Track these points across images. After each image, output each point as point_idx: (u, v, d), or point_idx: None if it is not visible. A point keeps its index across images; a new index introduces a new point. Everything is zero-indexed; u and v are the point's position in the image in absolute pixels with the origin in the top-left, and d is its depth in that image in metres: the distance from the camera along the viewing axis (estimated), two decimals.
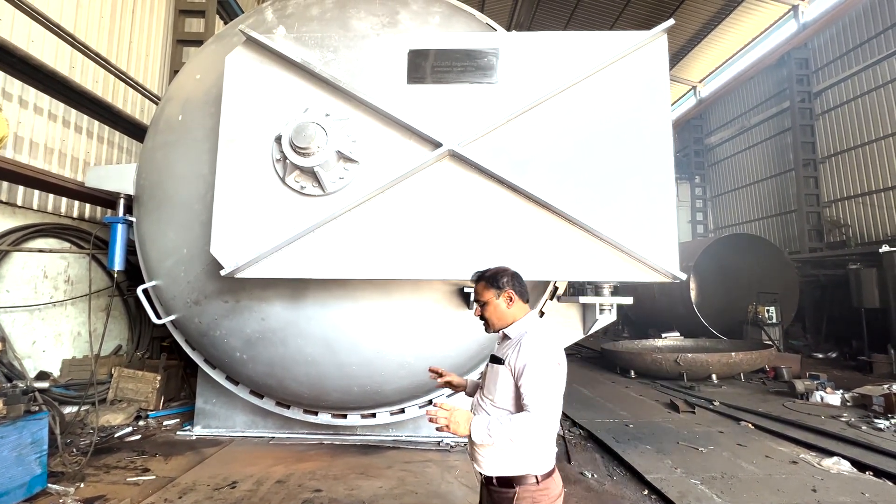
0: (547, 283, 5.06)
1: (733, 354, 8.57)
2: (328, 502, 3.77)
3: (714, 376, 8.46)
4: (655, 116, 4.05)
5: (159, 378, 6.09)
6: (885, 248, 9.82)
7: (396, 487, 4.03)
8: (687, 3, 15.24)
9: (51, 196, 6.11)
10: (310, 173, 3.91)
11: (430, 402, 4.95)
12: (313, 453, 4.84)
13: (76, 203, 6.52)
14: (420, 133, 3.98)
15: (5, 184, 5.50)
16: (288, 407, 5.08)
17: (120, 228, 5.17)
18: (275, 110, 4.08)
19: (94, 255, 6.33)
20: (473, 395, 2.24)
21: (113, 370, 6.16)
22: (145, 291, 4.87)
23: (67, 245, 6.24)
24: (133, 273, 6.00)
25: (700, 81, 19.24)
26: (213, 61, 4.73)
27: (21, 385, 4.32)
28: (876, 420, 5.87)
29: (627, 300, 4.89)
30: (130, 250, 5.30)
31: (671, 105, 4.16)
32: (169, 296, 4.80)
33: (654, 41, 4.16)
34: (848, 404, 6.74)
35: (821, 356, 11.26)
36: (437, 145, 3.94)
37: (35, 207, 5.95)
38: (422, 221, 3.94)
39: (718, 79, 18.24)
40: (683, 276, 3.94)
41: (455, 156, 3.97)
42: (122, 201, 5.24)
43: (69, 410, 5.57)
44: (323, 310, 4.32)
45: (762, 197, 16.45)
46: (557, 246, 3.92)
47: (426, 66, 4.11)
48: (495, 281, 2.11)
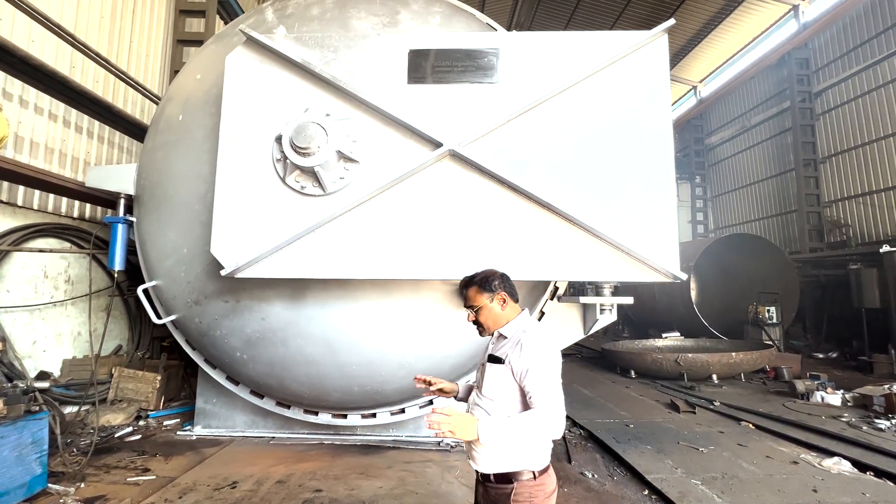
0: (547, 284, 5.05)
1: (734, 354, 8.57)
2: (328, 502, 3.76)
3: (714, 376, 8.46)
4: (656, 116, 4.05)
5: (159, 378, 6.09)
6: (886, 248, 9.81)
7: (397, 487, 4.03)
8: (687, 3, 15.23)
9: (51, 196, 6.12)
10: (310, 173, 3.91)
11: (431, 402, 4.95)
12: (314, 453, 4.84)
13: (76, 203, 6.53)
14: (420, 133, 3.98)
15: (6, 184, 5.50)
16: (288, 407, 5.09)
17: (120, 228, 5.18)
18: (275, 110, 4.08)
19: (95, 255, 6.34)
20: (465, 399, 2.24)
21: (113, 370, 6.16)
22: (145, 291, 4.88)
23: (68, 245, 6.25)
24: (133, 273, 6.01)
25: (700, 81, 19.23)
26: (214, 61, 4.73)
27: (21, 385, 4.32)
28: (877, 420, 5.87)
29: (628, 300, 4.88)
30: (131, 250, 5.30)
31: (671, 105, 4.15)
32: (169, 296, 4.80)
33: (655, 41, 4.16)
34: (848, 404, 6.74)
35: (821, 356, 11.24)
36: (438, 145, 3.94)
37: (35, 207, 5.95)
38: (422, 221, 3.94)
39: (719, 79, 18.23)
40: (684, 276, 3.94)
41: (455, 156, 3.97)
42: (123, 201, 5.25)
43: (69, 410, 5.57)
44: (323, 310, 4.32)
45: (763, 197, 16.44)
46: (558, 246, 3.92)
47: (427, 66, 4.11)
48: (487, 284, 2.10)
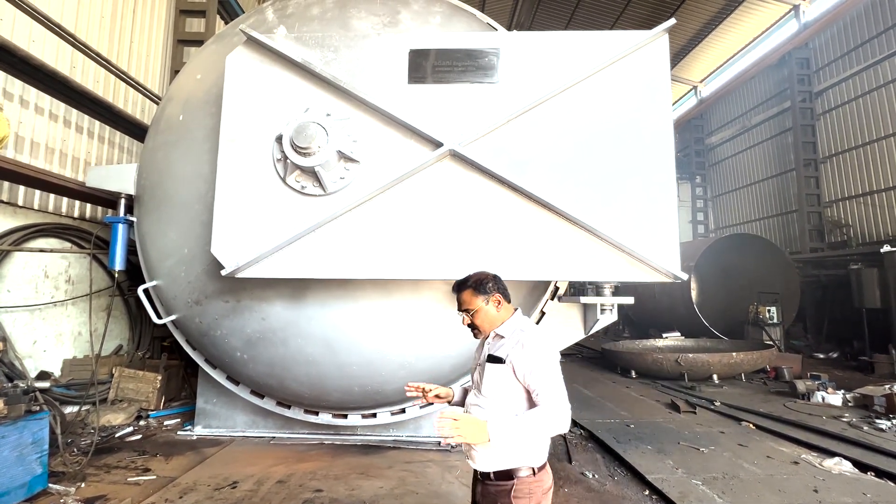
0: (548, 284, 5.05)
1: (734, 354, 8.56)
2: (329, 502, 3.76)
3: (715, 376, 8.45)
4: (656, 116, 4.05)
5: (160, 378, 6.09)
6: (887, 248, 9.80)
7: (397, 487, 4.03)
8: (688, 3, 15.22)
9: (52, 196, 6.12)
10: (310, 173, 3.91)
11: (431, 403, 4.94)
12: (314, 453, 4.84)
13: (77, 203, 6.53)
14: (421, 133, 3.98)
15: (6, 184, 5.51)
16: (289, 407, 5.08)
17: (121, 228, 5.19)
18: (275, 110, 4.08)
19: (95, 255, 6.34)
20: (461, 404, 2.24)
21: (114, 370, 6.16)
22: (146, 291, 4.88)
23: (68, 245, 6.25)
24: (134, 273, 6.01)
25: (701, 81, 19.22)
26: (214, 61, 4.73)
27: (22, 385, 4.32)
28: (877, 420, 5.86)
29: (628, 300, 4.88)
30: (131, 250, 5.31)
31: (672, 105, 4.16)
32: (170, 296, 4.80)
33: (655, 41, 4.15)
34: (849, 405, 6.73)
35: (822, 356, 11.23)
36: (438, 145, 3.94)
37: (36, 207, 5.95)
38: (422, 221, 3.94)
39: (719, 79, 18.21)
40: (684, 276, 3.93)
41: (456, 155, 3.96)
42: (123, 201, 5.25)
43: (70, 410, 5.58)
44: (323, 310, 4.32)
45: (763, 197, 16.42)
46: (558, 246, 3.91)
47: (427, 66, 4.11)
48: (482, 287, 2.11)
